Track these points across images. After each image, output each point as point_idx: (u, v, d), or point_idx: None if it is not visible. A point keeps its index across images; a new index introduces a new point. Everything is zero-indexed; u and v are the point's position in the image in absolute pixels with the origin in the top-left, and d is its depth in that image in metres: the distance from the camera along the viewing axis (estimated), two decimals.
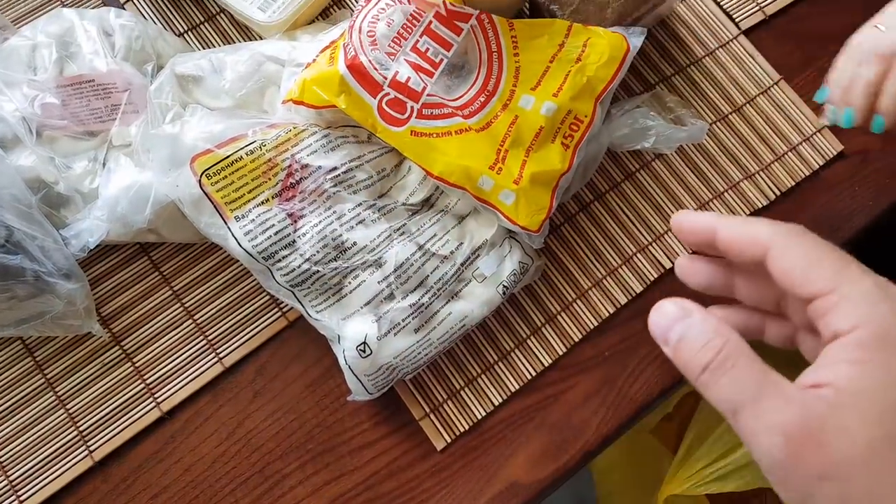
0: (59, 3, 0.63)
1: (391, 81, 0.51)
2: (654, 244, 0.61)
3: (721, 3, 0.67)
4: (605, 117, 0.58)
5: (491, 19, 0.54)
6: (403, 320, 0.51)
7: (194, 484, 0.54)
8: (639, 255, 0.60)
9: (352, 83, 0.50)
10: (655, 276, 0.60)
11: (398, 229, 0.52)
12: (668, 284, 0.60)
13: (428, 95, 0.52)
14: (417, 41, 0.53)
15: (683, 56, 0.65)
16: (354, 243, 0.51)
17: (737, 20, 0.67)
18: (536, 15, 0.61)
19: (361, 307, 0.51)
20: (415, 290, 0.52)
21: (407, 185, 0.54)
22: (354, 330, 0.51)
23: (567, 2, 0.58)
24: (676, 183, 0.62)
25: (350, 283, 0.51)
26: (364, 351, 0.51)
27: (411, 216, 0.54)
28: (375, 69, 0.51)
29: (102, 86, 0.53)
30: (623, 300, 0.59)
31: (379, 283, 0.51)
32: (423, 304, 0.52)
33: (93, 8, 0.61)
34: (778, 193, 0.62)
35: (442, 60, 0.53)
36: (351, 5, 0.64)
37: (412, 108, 0.51)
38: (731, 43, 0.66)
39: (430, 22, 0.53)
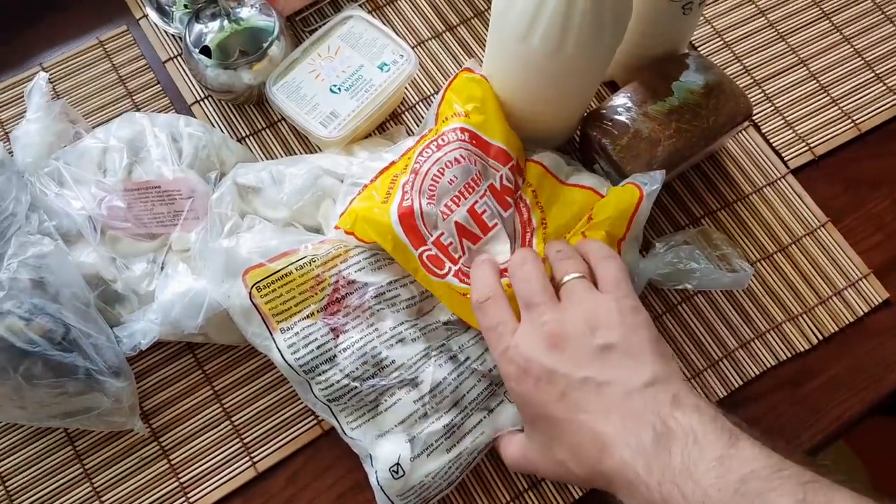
0: (130, 101, 0.66)
1: (435, 240, 0.53)
2: (693, 380, 0.61)
3: (770, 142, 0.68)
4: (649, 250, 0.59)
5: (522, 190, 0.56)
6: (437, 441, 0.51)
7: None
8: None
9: (399, 233, 0.52)
10: None
11: (437, 348, 0.53)
12: None
13: (464, 265, 0.53)
14: (476, 202, 0.54)
15: (731, 192, 0.66)
16: (393, 361, 0.52)
17: (786, 159, 0.68)
18: (586, 147, 0.63)
19: (395, 426, 0.51)
20: (449, 410, 0.52)
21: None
22: (387, 451, 0.51)
23: (618, 137, 0.59)
24: (718, 320, 0.62)
25: (386, 400, 0.52)
26: (397, 472, 0.51)
27: (451, 336, 0.54)
28: (424, 224, 0.53)
29: (167, 192, 0.56)
30: None
31: (415, 402, 0.52)
32: (457, 423, 0.52)
33: (162, 112, 0.65)
34: (821, 338, 0.62)
35: (496, 224, 0.55)
36: (406, 121, 0.67)
37: (450, 268, 0.53)
38: (779, 181, 0.67)
39: (491, 185, 0.55)
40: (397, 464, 0.51)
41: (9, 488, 0.55)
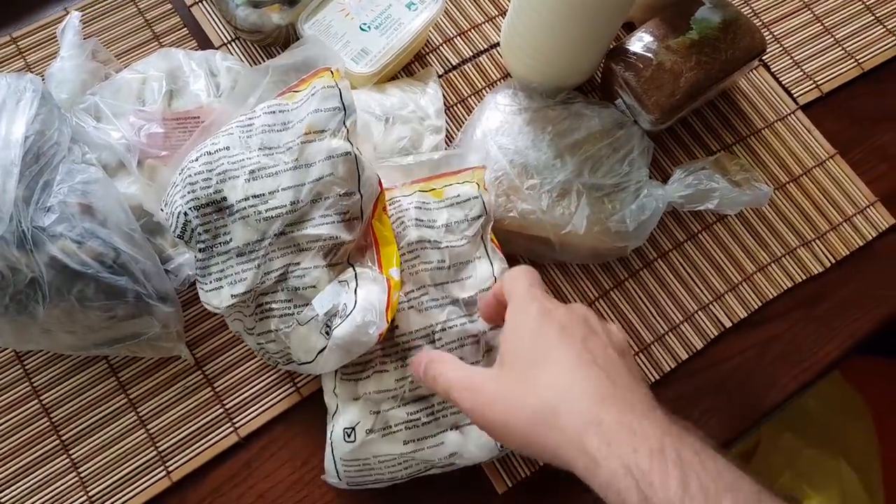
0: (157, 44, 0.67)
1: None
2: (714, 303, 0.63)
3: (780, 79, 0.71)
4: (669, 178, 0.61)
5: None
6: (395, 426, 0.52)
7: None
8: (700, 312, 0.63)
9: None
10: (716, 333, 0.62)
11: (440, 332, 0.53)
12: (728, 342, 0.62)
13: None
14: None
15: (744, 127, 0.69)
16: (399, 325, 0.53)
17: (795, 96, 0.70)
18: (609, 83, 0.65)
19: (369, 393, 0.52)
20: (417, 402, 0.53)
21: (468, 284, 0.55)
22: (351, 414, 0.52)
23: (642, 70, 0.62)
24: (737, 246, 0.65)
25: (375, 366, 0.52)
26: (349, 436, 0.52)
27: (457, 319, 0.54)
28: None
29: (209, 123, 0.57)
30: (684, 356, 0.61)
31: (396, 381, 0.52)
32: (420, 419, 0.52)
33: (189, 48, 0.65)
34: (833, 261, 0.65)
35: None
36: (432, 62, 0.68)
37: None
38: (789, 117, 0.70)
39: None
40: (353, 429, 0.52)
41: (53, 419, 0.56)
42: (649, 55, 0.62)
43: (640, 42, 0.63)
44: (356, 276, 0.51)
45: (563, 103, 0.64)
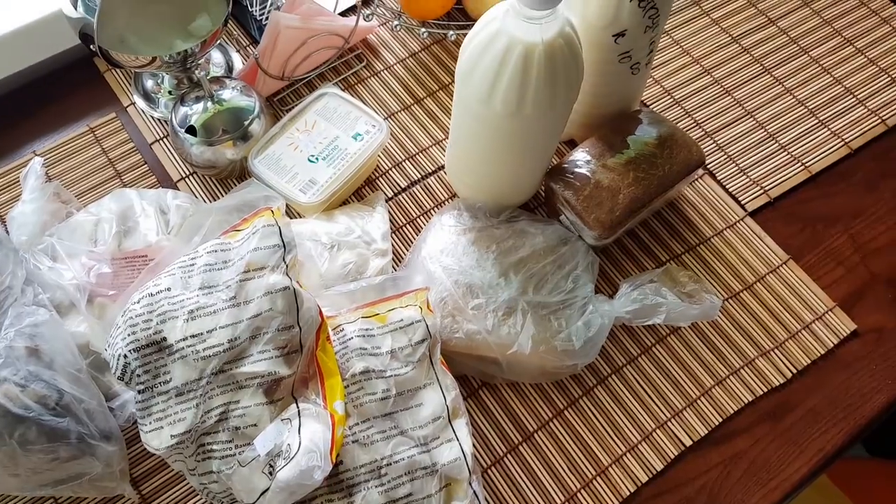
0: (119, 182, 0.70)
1: None
2: (673, 420, 0.62)
3: (727, 187, 0.72)
4: (616, 291, 0.62)
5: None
6: None
7: None
8: (658, 430, 0.62)
9: None
10: (676, 452, 0.61)
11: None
12: (690, 461, 0.61)
13: None
14: None
15: (693, 236, 0.70)
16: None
17: (743, 202, 0.71)
18: (551, 200, 0.66)
19: None
20: None
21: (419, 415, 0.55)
22: None
23: (580, 189, 0.63)
24: (692, 359, 0.64)
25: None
26: None
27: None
28: None
29: (156, 263, 0.59)
30: (644, 478, 0.60)
31: None
32: None
33: (150, 188, 0.69)
34: (794, 371, 0.64)
35: None
36: (381, 187, 0.71)
37: None
38: (738, 224, 0.70)
39: None
40: None
41: None
42: (587, 174, 0.64)
43: (577, 161, 0.65)
44: (299, 414, 0.51)
45: (508, 221, 0.65)
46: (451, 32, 0.76)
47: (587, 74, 0.59)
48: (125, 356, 0.50)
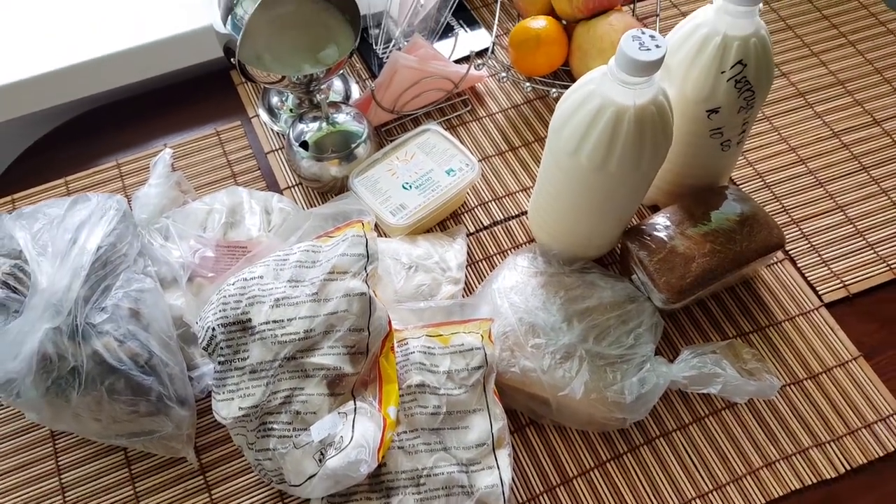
0: (233, 182, 0.78)
1: None
2: (715, 492, 0.62)
3: (806, 275, 0.72)
4: (677, 356, 0.63)
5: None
6: None
7: None
8: (698, 500, 0.61)
9: None
10: None
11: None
12: None
13: None
14: None
15: (763, 317, 0.70)
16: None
17: (820, 293, 0.71)
18: (625, 258, 0.69)
19: None
20: None
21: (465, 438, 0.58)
22: None
23: (655, 251, 0.65)
24: (744, 436, 0.64)
25: (361, 499, 0.55)
26: None
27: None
28: None
29: (252, 253, 0.65)
30: None
31: None
32: None
33: (261, 190, 0.76)
34: (848, 468, 0.63)
35: None
36: (465, 222, 0.75)
37: None
38: (812, 313, 0.70)
39: None
40: None
41: (67, 499, 0.61)
42: (664, 238, 0.66)
43: (657, 224, 0.67)
44: (355, 410, 0.55)
45: (580, 272, 0.68)
46: (555, 90, 0.81)
47: (677, 144, 0.62)
48: (213, 329, 0.56)
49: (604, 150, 0.57)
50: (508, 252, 0.74)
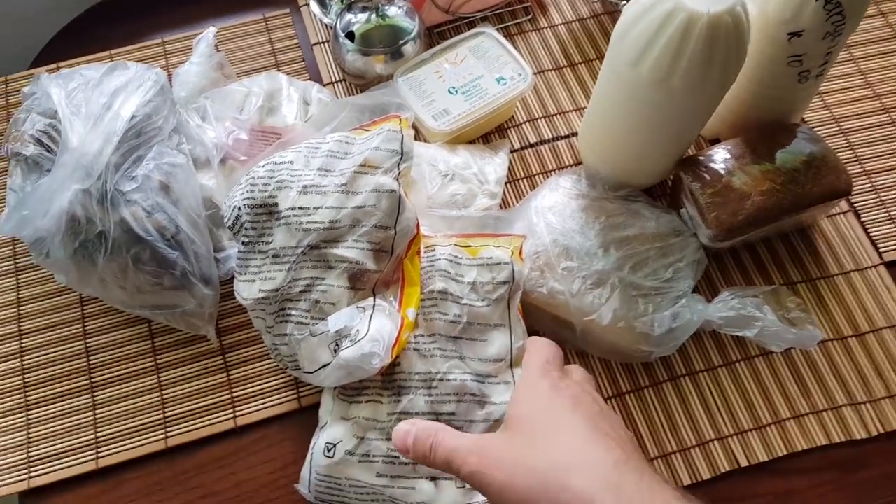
0: (276, 71, 0.75)
1: None
2: (734, 437, 0.59)
3: (868, 231, 0.67)
4: (716, 296, 0.60)
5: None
6: (374, 456, 0.53)
7: (240, 499, 0.58)
8: (715, 442, 0.59)
9: None
10: (727, 468, 0.58)
11: (438, 381, 0.55)
12: (739, 482, 0.58)
13: None
14: None
15: (815, 268, 0.66)
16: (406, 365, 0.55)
17: (881, 250, 0.66)
18: (676, 190, 0.65)
19: (358, 418, 0.54)
20: None
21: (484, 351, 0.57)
22: (336, 432, 0.54)
23: (709, 184, 0.61)
24: (775, 386, 0.61)
25: (368, 394, 0.55)
26: (329, 451, 0.54)
27: (457, 387, 0.55)
28: None
29: (285, 140, 0.63)
30: (687, 480, 0.58)
31: (388, 413, 0.54)
32: (399, 458, 0.53)
33: (302, 80, 0.73)
34: (881, 431, 0.59)
35: None
36: (510, 136, 0.72)
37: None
38: (869, 270, 0.66)
39: None
40: (334, 445, 0.54)
41: (91, 362, 0.63)
42: (721, 171, 0.61)
43: (714, 156, 0.62)
44: (374, 307, 0.54)
45: (625, 199, 0.64)
46: (625, 1, 0.75)
47: (750, 68, 0.57)
48: (239, 209, 0.55)
49: (668, 62, 0.52)
50: (553, 173, 0.70)
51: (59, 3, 0.81)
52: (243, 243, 0.56)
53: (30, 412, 0.61)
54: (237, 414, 0.61)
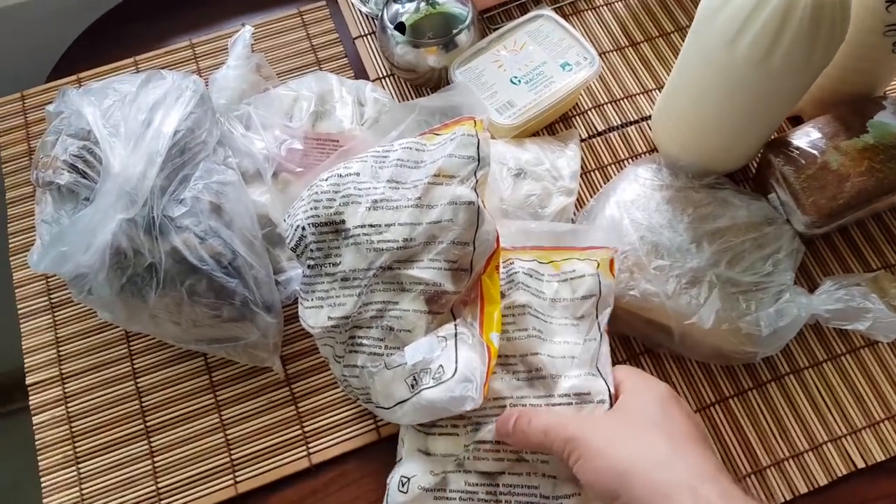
0: (318, 69, 0.69)
1: None
2: (849, 437, 0.55)
3: None
4: (817, 288, 0.55)
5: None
6: (451, 492, 0.48)
7: None
8: (829, 444, 0.55)
9: None
10: (844, 472, 0.54)
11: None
12: (858, 485, 0.54)
13: None
14: None
15: None
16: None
17: None
18: (763, 175, 0.60)
19: (436, 454, 0.49)
20: (481, 475, 0.48)
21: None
22: (413, 466, 0.49)
23: (804, 167, 0.57)
24: (885, 378, 0.57)
25: (445, 426, 0.49)
26: (403, 487, 0.48)
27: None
28: None
29: (348, 149, 0.57)
30: (803, 489, 0.54)
31: (465, 446, 0.49)
32: (478, 495, 0.48)
33: (346, 77, 0.67)
34: None
35: None
36: (577, 125, 0.67)
37: None
38: None
39: None
40: (409, 480, 0.48)
41: (144, 404, 0.57)
42: (815, 152, 0.57)
43: (806, 137, 0.58)
44: (456, 336, 0.49)
45: (710, 187, 0.60)
46: None
47: (844, 42, 0.52)
48: (303, 228, 0.49)
49: (769, 41, 0.47)
50: (625, 162, 0.65)
51: (74, 4, 0.74)
52: (308, 266, 0.50)
53: (80, 465, 0.55)
54: (311, 451, 0.55)
